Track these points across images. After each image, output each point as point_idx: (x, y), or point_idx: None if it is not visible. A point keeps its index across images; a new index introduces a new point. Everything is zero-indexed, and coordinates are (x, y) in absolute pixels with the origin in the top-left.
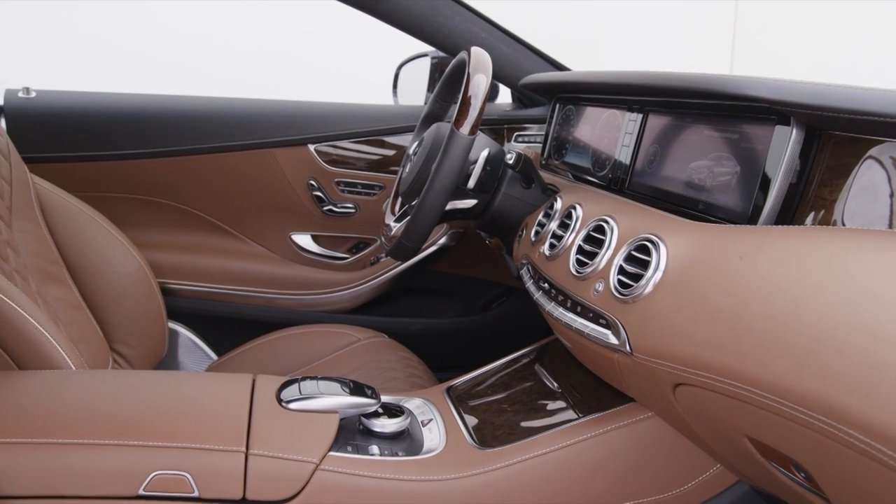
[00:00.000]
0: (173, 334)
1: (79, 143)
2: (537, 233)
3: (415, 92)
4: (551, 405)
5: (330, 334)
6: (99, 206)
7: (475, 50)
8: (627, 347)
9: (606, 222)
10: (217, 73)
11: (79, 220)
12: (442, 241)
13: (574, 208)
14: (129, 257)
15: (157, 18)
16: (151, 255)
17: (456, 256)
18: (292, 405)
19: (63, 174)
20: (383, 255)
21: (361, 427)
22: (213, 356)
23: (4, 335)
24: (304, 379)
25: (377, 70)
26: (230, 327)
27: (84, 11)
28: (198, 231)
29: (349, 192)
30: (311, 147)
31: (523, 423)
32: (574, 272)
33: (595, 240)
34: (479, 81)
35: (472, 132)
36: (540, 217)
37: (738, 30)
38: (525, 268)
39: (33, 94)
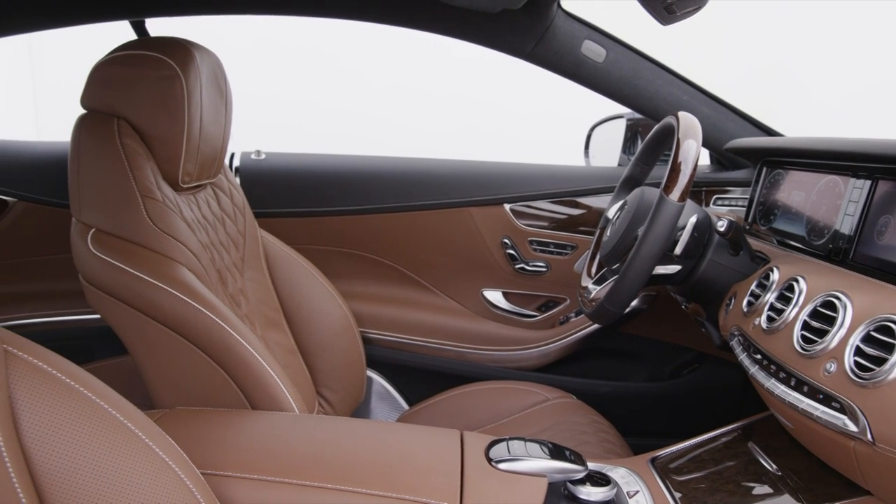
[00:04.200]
0: (368, 381)
1: (297, 199)
2: (750, 303)
3: (606, 153)
4: (769, 489)
5: (519, 391)
6: (311, 258)
7: (684, 115)
8: (868, 436)
9: (838, 299)
10: (419, 145)
11: (296, 271)
12: (635, 303)
13: (796, 281)
14: (336, 307)
15: (370, 106)
16: (353, 304)
17: (647, 319)
18: (502, 465)
19: (282, 227)
20: (573, 314)
21: (566, 493)
22: (404, 405)
23: (241, 376)
24: (511, 439)
25: (563, 132)
26: (421, 377)
27: (306, 84)
28: (396, 284)
29: (541, 250)
30: (507, 206)
31: None
32: (799, 349)
33: (823, 316)
34: (690, 147)
35: (682, 199)
36: (753, 287)
37: None
38: (736, 339)
39: (263, 156)
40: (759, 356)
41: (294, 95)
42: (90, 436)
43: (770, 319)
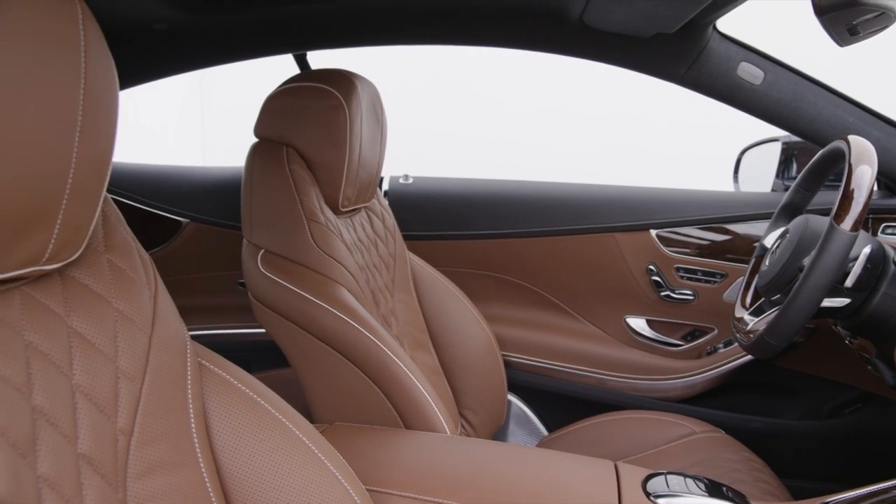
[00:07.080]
0: (507, 404)
1: (442, 222)
2: None
3: (757, 178)
4: None
5: (663, 423)
6: (455, 281)
7: (855, 139)
8: None
9: None
10: (561, 168)
11: (441, 293)
12: None
13: None
14: (480, 330)
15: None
16: (495, 328)
17: (803, 352)
18: (661, 501)
19: (428, 250)
20: (721, 345)
21: None
22: (543, 430)
23: (396, 395)
24: (668, 473)
25: (700, 143)
26: (560, 403)
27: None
28: (538, 308)
29: (688, 278)
30: (653, 232)
31: None
32: None
33: None
34: (864, 173)
35: (855, 229)
36: None
37: None
38: None
39: (410, 180)
40: None
41: (439, 127)
42: (271, 448)
43: None
